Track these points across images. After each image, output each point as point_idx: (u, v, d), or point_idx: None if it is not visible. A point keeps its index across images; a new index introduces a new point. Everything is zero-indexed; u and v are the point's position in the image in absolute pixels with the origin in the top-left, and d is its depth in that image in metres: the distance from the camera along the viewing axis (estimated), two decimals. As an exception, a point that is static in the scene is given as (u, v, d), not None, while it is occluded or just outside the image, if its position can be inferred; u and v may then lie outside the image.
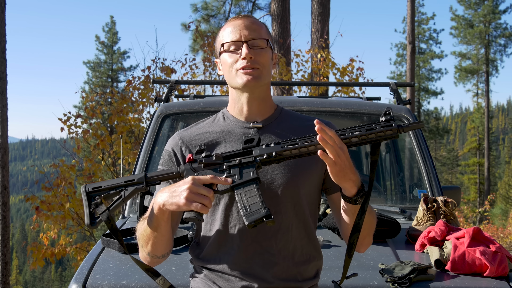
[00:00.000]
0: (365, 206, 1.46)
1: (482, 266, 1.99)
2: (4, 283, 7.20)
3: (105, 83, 28.50)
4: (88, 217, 1.45)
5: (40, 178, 8.46)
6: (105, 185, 1.48)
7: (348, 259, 1.55)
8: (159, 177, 1.49)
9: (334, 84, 4.70)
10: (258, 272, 1.52)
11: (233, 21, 1.58)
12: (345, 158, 1.35)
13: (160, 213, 1.41)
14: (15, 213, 68.56)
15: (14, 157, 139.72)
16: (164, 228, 1.45)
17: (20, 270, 42.27)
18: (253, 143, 1.46)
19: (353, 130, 1.39)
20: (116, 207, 1.46)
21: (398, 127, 1.38)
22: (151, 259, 1.54)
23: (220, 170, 1.45)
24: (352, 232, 1.50)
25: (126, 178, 1.49)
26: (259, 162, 1.44)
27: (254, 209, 1.38)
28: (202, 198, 1.35)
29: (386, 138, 1.39)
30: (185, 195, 1.34)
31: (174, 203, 1.36)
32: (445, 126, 34.60)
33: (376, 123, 1.39)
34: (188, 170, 1.46)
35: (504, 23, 32.35)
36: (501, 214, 25.59)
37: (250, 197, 1.40)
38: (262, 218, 1.36)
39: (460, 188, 3.27)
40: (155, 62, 9.47)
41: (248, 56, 1.52)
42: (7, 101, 7.35)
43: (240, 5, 14.23)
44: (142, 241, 1.51)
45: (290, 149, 1.41)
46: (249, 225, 1.36)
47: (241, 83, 1.54)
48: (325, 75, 9.51)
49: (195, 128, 1.66)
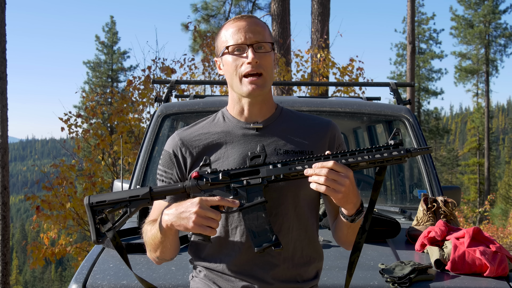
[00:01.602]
0: (366, 225, 1.47)
1: (482, 266, 1.99)
2: (4, 283, 7.20)
3: (105, 83, 28.48)
4: (94, 233, 1.46)
5: (41, 178, 8.46)
6: (109, 200, 1.47)
7: (349, 278, 1.55)
8: (164, 192, 1.49)
9: (334, 84, 4.70)
10: (258, 273, 1.52)
11: (237, 22, 1.55)
12: (349, 185, 1.36)
13: (168, 230, 1.43)
14: (15, 213, 68.55)
15: (14, 157, 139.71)
16: (172, 240, 1.47)
17: (20, 270, 42.26)
18: (260, 160, 1.46)
19: (361, 154, 1.41)
20: (122, 223, 1.47)
21: (406, 153, 1.40)
22: (160, 261, 1.57)
23: (226, 190, 1.46)
24: (353, 252, 1.51)
25: (130, 192, 1.48)
26: (266, 183, 1.44)
27: (262, 234, 1.41)
28: (210, 222, 1.36)
29: (393, 162, 1.42)
30: (193, 219, 1.36)
31: (182, 225, 1.38)
32: (445, 126, 34.60)
33: (385, 147, 1.41)
34: (194, 188, 1.46)
35: (504, 23, 32.36)
36: (501, 214, 25.58)
37: (258, 222, 1.42)
38: (271, 246, 1.40)
39: (460, 188, 3.27)
40: (155, 62, 9.48)
41: (253, 61, 1.50)
42: (7, 101, 7.35)
43: (240, 5, 14.22)
44: (150, 247, 1.53)
45: (297, 171, 1.42)
46: (258, 252, 1.40)
47: (246, 92, 1.54)
48: (325, 75, 9.51)
49: (194, 128, 1.65)
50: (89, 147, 9.79)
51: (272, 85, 1.63)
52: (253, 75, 1.52)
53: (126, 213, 1.47)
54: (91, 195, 1.50)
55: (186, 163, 1.58)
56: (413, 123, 3.10)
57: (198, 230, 1.36)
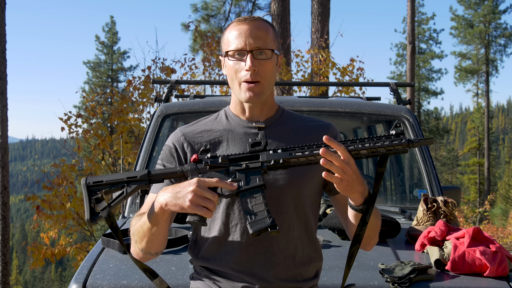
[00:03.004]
0: (366, 217, 1.45)
1: (482, 266, 1.99)
2: (4, 283, 7.20)
3: (105, 83, 28.49)
4: (88, 212, 1.42)
5: (41, 178, 8.46)
6: (107, 180, 1.45)
7: (348, 270, 1.55)
8: (162, 175, 1.47)
9: (334, 84, 4.71)
10: (259, 272, 1.52)
11: (240, 26, 1.55)
12: (351, 172, 1.35)
13: (161, 212, 1.39)
14: (15, 213, 68.55)
15: (14, 157, 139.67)
16: (162, 227, 1.44)
17: (20, 270, 42.25)
18: (260, 147, 1.45)
19: (362, 142, 1.38)
20: (117, 203, 1.44)
21: (408, 142, 1.38)
22: (144, 255, 1.51)
23: (225, 173, 1.43)
24: (353, 244, 1.50)
25: (128, 174, 1.46)
26: (265, 168, 1.42)
27: (259, 217, 1.37)
28: (207, 202, 1.34)
29: (395, 152, 1.38)
30: (190, 198, 1.33)
31: (177, 205, 1.35)
32: (445, 126, 34.60)
33: (386, 136, 1.38)
34: (193, 171, 1.44)
35: (504, 23, 32.35)
36: (501, 214, 25.56)
37: (255, 205, 1.39)
38: (266, 228, 1.35)
39: (460, 188, 3.27)
40: (155, 62, 9.48)
41: (251, 69, 1.50)
42: (7, 101, 7.35)
43: (240, 5, 14.22)
44: (137, 237, 1.49)
45: (298, 156, 1.39)
46: (253, 234, 1.36)
47: (244, 98, 1.55)
48: (325, 75, 9.52)
49: (197, 125, 1.65)
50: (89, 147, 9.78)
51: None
52: (251, 82, 1.52)
53: (122, 194, 1.44)
54: (89, 176, 1.48)
55: (187, 159, 1.58)
56: (413, 123, 3.10)
57: (194, 210, 1.32)
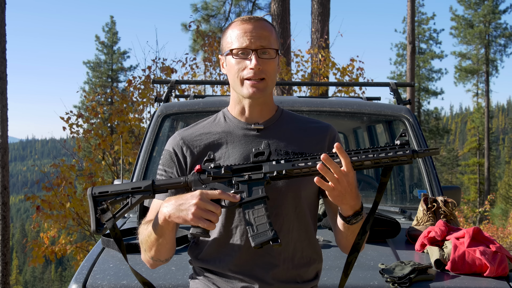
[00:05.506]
0: (366, 226, 1.45)
1: (482, 266, 1.99)
2: (4, 283, 7.20)
3: (105, 83, 28.49)
4: (94, 223, 1.45)
5: (41, 178, 8.46)
6: (112, 190, 1.47)
7: (344, 278, 1.54)
8: (166, 186, 1.48)
9: (334, 84, 4.70)
10: (258, 274, 1.52)
11: (244, 25, 1.54)
12: (346, 185, 1.34)
13: (165, 223, 1.41)
14: (15, 213, 68.53)
15: (14, 157, 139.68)
16: (169, 236, 1.45)
17: (20, 270, 42.24)
18: (263, 157, 1.44)
19: (366, 153, 1.37)
20: (122, 214, 1.47)
21: (412, 153, 1.36)
22: (154, 262, 1.54)
23: (228, 184, 1.44)
24: (351, 252, 1.50)
25: (132, 184, 1.48)
26: (268, 179, 1.42)
27: (261, 230, 1.37)
28: (210, 215, 1.34)
29: (399, 163, 1.37)
30: (193, 211, 1.34)
31: (180, 217, 1.36)
32: (445, 126, 34.57)
33: (391, 147, 1.37)
34: (196, 182, 1.45)
35: (504, 23, 32.33)
36: (501, 214, 25.54)
37: (258, 217, 1.39)
38: (268, 241, 1.35)
39: (460, 188, 3.27)
40: (155, 62, 9.48)
41: (256, 68, 1.50)
42: (7, 101, 7.35)
43: (240, 5, 14.22)
44: (146, 246, 1.51)
45: (301, 167, 1.39)
46: (255, 247, 1.36)
47: (247, 94, 1.54)
48: (325, 75, 9.51)
49: (195, 128, 1.65)
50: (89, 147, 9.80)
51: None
52: (255, 79, 1.52)
53: (127, 205, 1.46)
54: (95, 186, 1.51)
55: (187, 162, 1.58)
56: (413, 123, 3.09)
57: (197, 223, 1.33)
